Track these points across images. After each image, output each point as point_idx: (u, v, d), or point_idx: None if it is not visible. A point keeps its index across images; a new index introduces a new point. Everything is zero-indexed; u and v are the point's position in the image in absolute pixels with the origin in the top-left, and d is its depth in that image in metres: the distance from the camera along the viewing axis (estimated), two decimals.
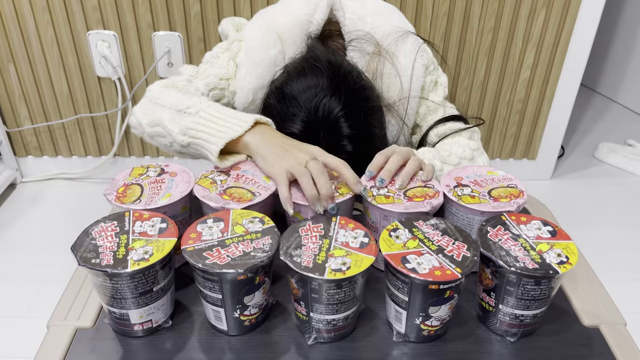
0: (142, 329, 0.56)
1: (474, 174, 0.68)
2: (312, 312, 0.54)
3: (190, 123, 0.70)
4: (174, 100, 0.74)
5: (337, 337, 0.57)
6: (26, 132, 1.67)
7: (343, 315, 0.55)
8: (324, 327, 0.55)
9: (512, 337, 0.58)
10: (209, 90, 0.82)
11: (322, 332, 0.56)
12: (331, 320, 0.55)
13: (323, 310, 0.54)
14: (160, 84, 0.81)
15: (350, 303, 0.54)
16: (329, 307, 0.53)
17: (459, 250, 0.54)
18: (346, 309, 0.54)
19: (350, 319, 0.56)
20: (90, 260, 0.51)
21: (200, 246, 0.54)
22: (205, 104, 0.71)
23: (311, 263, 0.52)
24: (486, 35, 1.54)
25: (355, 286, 0.53)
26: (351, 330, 0.58)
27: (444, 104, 0.87)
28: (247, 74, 0.82)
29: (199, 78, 0.83)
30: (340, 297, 0.53)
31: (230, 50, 0.84)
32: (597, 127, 2.16)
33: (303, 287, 0.53)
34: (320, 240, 0.56)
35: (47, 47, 1.52)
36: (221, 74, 0.83)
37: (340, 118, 0.73)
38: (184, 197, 0.62)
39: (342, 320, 0.55)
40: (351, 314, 0.56)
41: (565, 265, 0.53)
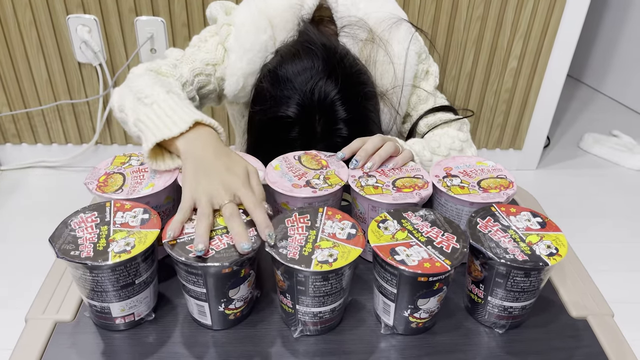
0: (124, 323, 0.55)
1: (463, 164, 0.68)
2: (298, 305, 0.53)
3: (142, 114, 0.65)
4: (141, 86, 0.70)
5: (323, 329, 0.56)
6: (4, 119, 1.63)
7: (330, 307, 0.54)
8: (310, 319, 0.54)
9: (500, 328, 0.57)
10: (194, 75, 0.79)
11: (309, 325, 0.55)
12: (317, 313, 0.54)
13: (309, 303, 0.53)
14: (143, 66, 0.78)
15: (337, 295, 0.53)
16: (315, 300, 0.52)
17: (449, 242, 0.53)
18: (333, 301, 0.53)
19: (337, 311, 0.55)
20: (69, 253, 0.49)
21: (182, 239, 0.52)
22: (163, 96, 0.66)
23: (297, 255, 0.51)
24: (474, 24, 1.53)
25: (342, 278, 0.52)
26: (338, 322, 0.57)
27: (434, 94, 0.86)
28: (237, 59, 0.79)
29: (185, 63, 0.80)
30: (326, 289, 0.52)
31: (220, 34, 0.81)
32: (582, 117, 2.18)
33: (289, 279, 0.52)
34: (306, 231, 0.54)
35: (26, 31, 1.47)
36: (208, 58, 0.80)
37: (337, 101, 0.71)
38: (168, 186, 0.60)
39: (328, 313, 0.54)
40: (338, 307, 0.55)
41: (555, 257, 0.52)
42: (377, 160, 0.66)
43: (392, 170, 0.66)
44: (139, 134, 0.65)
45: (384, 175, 0.64)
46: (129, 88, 0.72)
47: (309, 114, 0.72)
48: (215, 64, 0.81)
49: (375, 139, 0.67)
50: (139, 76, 0.73)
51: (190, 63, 0.79)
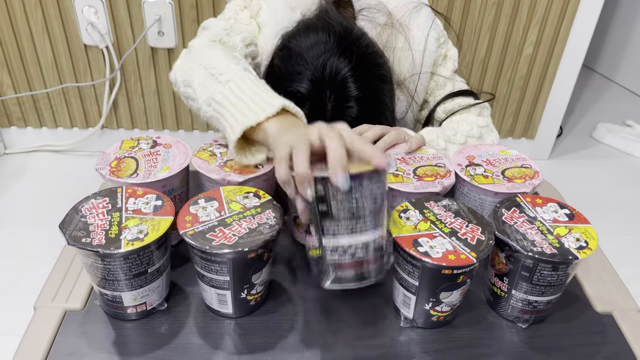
0: (136, 312, 0.53)
1: (486, 153, 0.65)
2: (325, 237, 0.48)
3: (217, 94, 0.61)
4: (212, 60, 0.65)
5: (358, 276, 0.49)
6: (9, 102, 1.61)
7: (361, 239, 0.48)
8: (340, 258, 0.48)
9: (523, 323, 0.55)
10: (246, 46, 0.75)
11: (340, 270, 0.48)
12: (348, 248, 0.48)
13: (338, 229, 0.48)
14: (205, 37, 0.73)
15: (366, 218, 0.48)
16: (345, 224, 0.48)
17: (473, 234, 0.51)
18: (362, 229, 0.48)
19: (371, 250, 0.49)
20: (81, 240, 0.48)
21: (200, 228, 0.50)
22: (239, 75, 0.62)
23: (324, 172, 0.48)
24: (490, 10, 1.49)
25: (363, 190, 0.48)
26: (378, 271, 0.49)
27: (453, 78, 0.83)
28: (271, 35, 0.76)
29: (234, 32, 0.75)
30: (354, 205, 0.47)
31: (250, 8, 0.78)
32: (596, 107, 2.14)
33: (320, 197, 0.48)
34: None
35: (31, 12, 1.44)
36: (250, 30, 0.76)
37: (349, 78, 0.69)
38: (183, 169, 0.58)
39: (360, 249, 0.48)
40: (371, 240, 0.48)
41: (584, 251, 0.50)
42: (382, 145, 0.64)
43: (413, 158, 0.63)
44: (212, 114, 0.61)
45: (405, 163, 0.62)
46: (195, 62, 0.67)
47: (320, 90, 0.69)
48: (255, 37, 0.78)
49: (376, 128, 0.66)
50: (204, 47, 0.69)
51: (239, 33, 0.75)
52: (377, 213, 0.48)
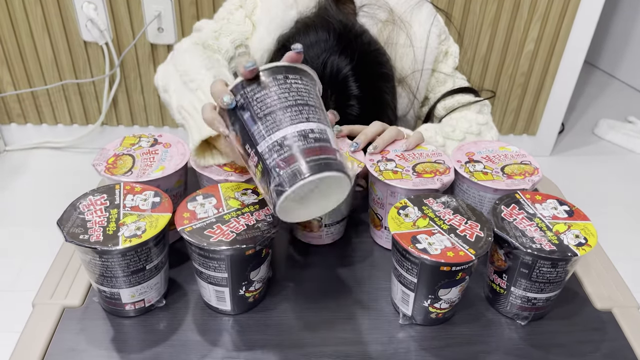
0: (134, 309, 0.53)
1: (486, 149, 0.65)
2: (258, 143, 0.44)
3: (186, 101, 0.62)
4: (187, 66, 0.67)
5: (310, 166, 0.42)
6: (9, 99, 1.60)
7: (295, 128, 0.44)
8: (278, 155, 0.43)
9: (522, 320, 0.55)
10: (235, 48, 0.75)
11: (285, 164, 0.43)
12: (283, 140, 0.43)
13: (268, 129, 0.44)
14: (189, 40, 0.74)
15: (293, 110, 0.44)
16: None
17: (472, 230, 0.51)
18: (294, 121, 0.44)
19: (313, 137, 0.44)
20: (78, 236, 0.47)
21: (198, 225, 0.50)
22: (208, 82, 0.62)
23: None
24: (491, 5, 1.49)
25: (282, 86, 0.45)
26: (327, 160, 0.43)
27: (453, 75, 0.82)
28: (266, 34, 0.76)
29: (224, 35, 0.76)
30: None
31: (245, 7, 0.78)
32: (597, 103, 2.13)
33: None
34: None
35: (30, 9, 1.44)
36: (240, 31, 0.77)
37: (350, 77, 0.69)
38: (179, 170, 0.58)
39: (298, 137, 0.43)
40: (308, 128, 0.44)
41: (584, 247, 0.50)
42: (381, 142, 0.63)
43: (413, 155, 0.63)
44: (182, 122, 0.62)
45: (404, 160, 0.62)
46: (174, 67, 0.68)
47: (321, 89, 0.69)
48: (247, 38, 0.78)
49: (375, 125, 0.65)
50: (185, 52, 0.70)
51: (229, 34, 0.76)
52: (307, 107, 0.45)
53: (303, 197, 0.43)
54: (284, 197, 0.42)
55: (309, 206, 0.46)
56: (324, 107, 0.48)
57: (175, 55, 0.71)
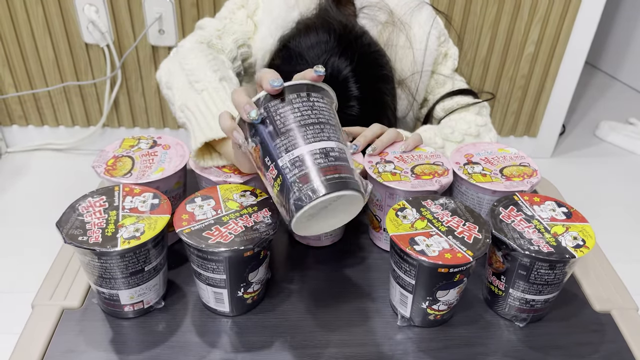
0: (133, 310, 0.53)
1: (484, 151, 0.65)
2: (280, 157, 0.45)
3: (190, 101, 0.62)
4: (193, 65, 0.66)
5: (329, 183, 0.43)
6: (10, 100, 1.61)
7: (318, 146, 0.45)
8: (299, 171, 0.44)
9: (521, 322, 0.55)
10: (237, 47, 0.75)
11: (304, 180, 0.44)
12: (303, 157, 0.44)
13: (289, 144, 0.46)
14: (193, 38, 0.74)
15: (315, 127, 0.46)
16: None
17: (470, 232, 0.51)
18: (316, 138, 0.45)
19: (333, 155, 0.45)
20: (77, 238, 0.48)
21: (196, 227, 0.50)
22: (214, 85, 0.63)
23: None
24: (491, 7, 1.49)
25: (306, 102, 0.47)
26: (344, 178, 0.45)
27: (452, 77, 0.83)
28: (268, 34, 0.76)
29: (227, 34, 0.76)
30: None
31: (247, 7, 0.78)
32: (599, 105, 2.13)
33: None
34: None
35: (32, 11, 1.45)
36: (243, 30, 0.77)
37: (350, 79, 0.69)
38: (178, 171, 0.58)
39: (319, 155, 0.45)
40: (329, 147, 0.45)
41: (581, 249, 0.50)
42: (379, 144, 0.63)
43: (411, 157, 0.63)
44: (184, 121, 0.62)
45: (403, 162, 0.62)
46: (179, 64, 0.68)
47: None
48: (249, 37, 0.78)
49: (374, 127, 0.65)
50: (190, 50, 0.70)
51: (232, 34, 0.76)
52: (329, 126, 0.46)
53: (317, 213, 0.45)
54: (302, 212, 0.43)
55: (320, 222, 0.47)
56: (341, 126, 0.49)
57: (180, 53, 0.71)
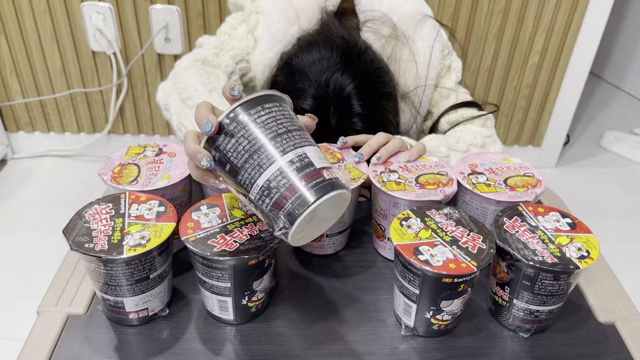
0: (138, 318, 0.53)
1: (489, 161, 0.65)
2: (250, 191, 0.44)
3: (185, 118, 0.63)
4: (186, 84, 0.67)
5: (301, 198, 0.42)
6: (17, 107, 1.62)
7: (273, 169, 0.43)
8: (270, 198, 0.44)
9: (525, 332, 0.55)
10: (235, 63, 0.76)
11: (277, 207, 0.43)
12: (268, 183, 0.43)
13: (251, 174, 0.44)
14: (189, 57, 0.75)
15: (267, 147, 0.43)
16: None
17: (474, 242, 0.51)
18: (269, 160, 0.43)
19: (291, 169, 0.43)
20: (83, 245, 0.48)
21: (202, 235, 0.50)
22: (204, 97, 0.63)
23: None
24: (495, 18, 1.49)
25: (251, 125, 0.44)
26: (315, 184, 0.43)
27: (456, 89, 0.83)
28: (267, 49, 0.77)
29: (225, 50, 0.77)
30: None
31: (248, 22, 0.79)
32: (603, 115, 2.13)
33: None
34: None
35: (40, 19, 1.46)
36: (242, 46, 0.78)
37: (353, 96, 0.69)
38: (184, 179, 0.58)
39: (279, 176, 0.43)
40: (283, 163, 0.43)
41: (586, 260, 0.50)
42: (384, 153, 0.64)
43: (416, 166, 0.63)
44: (182, 139, 0.63)
45: (407, 171, 0.62)
46: (174, 84, 0.69)
47: (324, 106, 0.70)
48: (249, 53, 0.78)
49: (379, 136, 0.66)
50: (184, 69, 0.71)
51: (230, 50, 0.77)
52: (286, 135, 0.44)
53: (309, 221, 0.44)
54: (291, 236, 0.43)
55: (317, 225, 0.46)
56: (297, 121, 0.46)
57: (175, 73, 0.72)
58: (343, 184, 0.45)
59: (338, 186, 0.44)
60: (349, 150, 0.65)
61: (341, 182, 0.45)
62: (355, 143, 0.66)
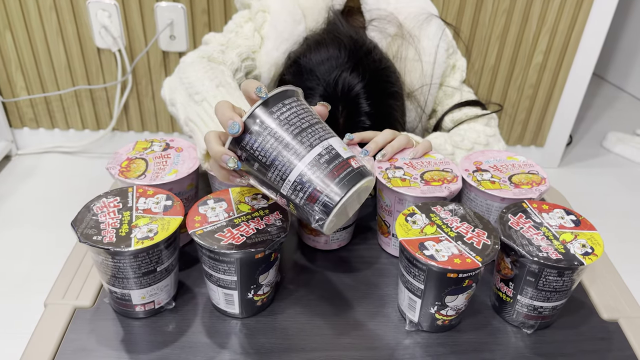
0: (144, 310, 0.54)
1: (493, 159, 0.66)
2: (281, 187, 0.45)
3: (192, 113, 0.63)
4: (192, 79, 0.67)
5: (335, 189, 0.44)
6: (22, 103, 1.63)
7: (304, 163, 0.44)
8: (304, 192, 0.45)
9: (529, 329, 0.55)
10: (241, 60, 0.76)
11: (311, 200, 0.45)
12: (300, 178, 0.44)
13: (282, 171, 0.45)
14: (194, 54, 0.75)
15: (294, 145, 0.45)
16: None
17: (479, 238, 0.52)
18: (298, 156, 0.44)
19: (322, 161, 0.44)
20: (92, 237, 0.48)
21: (209, 228, 0.51)
22: (212, 92, 0.63)
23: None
24: (500, 18, 1.50)
25: (275, 123, 0.45)
26: (345, 174, 0.45)
27: (460, 88, 0.83)
28: (273, 48, 0.77)
29: (230, 48, 0.77)
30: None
31: (254, 21, 0.79)
32: (606, 116, 2.13)
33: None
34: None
35: (46, 15, 1.47)
36: (248, 44, 0.78)
37: (361, 95, 0.69)
38: (191, 173, 0.59)
39: (310, 170, 0.44)
40: (311, 158, 0.44)
41: (590, 257, 0.50)
42: (390, 150, 0.64)
43: (421, 163, 0.64)
44: (190, 134, 0.63)
45: (412, 168, 0.63)
46: (180, 80, 0.69)
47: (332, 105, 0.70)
48: (255, 51, 0.79)
49: (386, 132, 0.66)
50: (189, 65, 0.71)
51: (236, 48, 0.77)
52: (311, 129, 0.45)
53: (341, 211, 0.45)
54: (327, 226, 0.45)
55: (344, 213, 0.47)
56: (314, 113, 0.47)
57: (180, 69, 0.72)
58: (370, 171, 0.46)
59: (366, 174, 0.46)
60: (355, 147, 0.66)
61: (367, 169, 0.46)
62: (362, 140, 0.66)
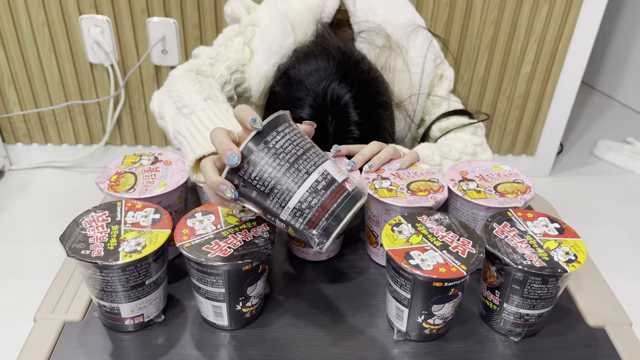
0: (133, 324, 0.54)
1: (479, 168, 0.66)
2: (281, 213, 0.47)
3: (181, 126, 0.63)
4: (181, 92, 0.68)
5: (334, 215, 0.46)
6: (15, 119, 1.63)
7: (303, 189, 0.46)
8: (304, 218, 0.46)
9: (516, 336, 0.56)
10: (230, 73, 0.77)
11: (312, 225, 0.47)
12: (300, 204, 0.46)
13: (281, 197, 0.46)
14: (182, 67, 0.76)
15: (291, 172, 0.46)
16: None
17: (464, 247, 0.52)
18: (297, 182, 0.46)
19: (319, 188, 0.46)
20: (80, 252, 0.49)
21: (196, 241, 0.51)
22: (200, 105, 0.64)
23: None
24: (488, 29, 1.52)
25: (269, 153, 0.46)
26: (342, 198, 0.47)
27: (448, 98, 0.84)
28: (263, 61, 0.78)
29: (220, 61, 0.78)
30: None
31: (244, 34, 0.80)
32: (596, 124, 2.15)
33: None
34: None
35: (38, 31, 1.48)
36: (238, 58, 0.79)
37: (350, 105, 0.70)
38: (180, 186, 0.59)
39: (310, 196, 0.46)
40: (311, 182, 0.46)
41: (573, 264, 0.51)
42: (377, 162, 0.65)
43: (407, 173, 0.65)
44: (179, 147, 0.64)
45: (399, 178, 0.63)
46: (168, 93, 0.70)
47: (321, 116, 0.71)
48: (244, 64, 0.80)
49: (372, 145, 0.67)
50: (178, 78, 0.72)
51: (225, 61, 0.78)
52: (306, 155, 0.47)
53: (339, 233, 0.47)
54: (326, 248, 0.47)
55: (341, 230, 0.48)
56: (306, 136, 0.49)
57: (169, 82, 0.73)
58: (363, 191, 0.48)
59: (360, 195, 0.48)
60: (342, 159, 0.67)
61: (361, 190, 0.48)
62: (349, 152, 0.67)
